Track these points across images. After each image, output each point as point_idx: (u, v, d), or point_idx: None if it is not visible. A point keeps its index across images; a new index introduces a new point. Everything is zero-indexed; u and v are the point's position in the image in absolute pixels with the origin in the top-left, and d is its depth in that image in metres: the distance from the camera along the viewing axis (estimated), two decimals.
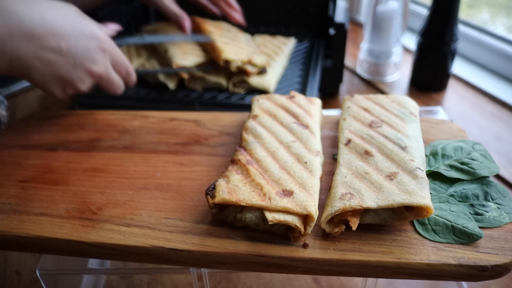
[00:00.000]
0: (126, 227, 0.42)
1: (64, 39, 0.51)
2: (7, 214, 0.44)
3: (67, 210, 0.44)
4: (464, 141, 0.49)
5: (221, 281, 0.58)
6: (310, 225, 0.38)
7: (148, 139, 0.55)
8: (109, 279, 0.59)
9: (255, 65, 0.75)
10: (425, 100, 0.93)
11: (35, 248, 0.43)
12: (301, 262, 0.38)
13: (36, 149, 0.55)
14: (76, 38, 0.52)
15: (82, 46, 0.53)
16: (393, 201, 0.38)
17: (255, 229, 0.40)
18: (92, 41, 0.54)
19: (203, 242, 0.40)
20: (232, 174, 0.43)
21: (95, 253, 0.41)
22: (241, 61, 0.75)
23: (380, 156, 0.44)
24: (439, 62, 0.92)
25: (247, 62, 0.75)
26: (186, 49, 0.81)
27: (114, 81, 0.58)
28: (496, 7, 1.19)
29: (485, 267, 0.36)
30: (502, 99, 0.90)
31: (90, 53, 0.53)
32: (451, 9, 0.85)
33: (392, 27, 0.95)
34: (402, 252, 0.38)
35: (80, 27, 0.53)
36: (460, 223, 0.39)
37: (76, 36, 0.52)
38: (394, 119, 0.50)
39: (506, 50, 0.97)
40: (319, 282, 0.57)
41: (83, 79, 0.54)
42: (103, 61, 0.55)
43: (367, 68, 1.03)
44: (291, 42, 0.93)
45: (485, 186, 0.44)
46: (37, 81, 0.52)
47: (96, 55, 0.54)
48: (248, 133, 0.49)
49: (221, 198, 0.39)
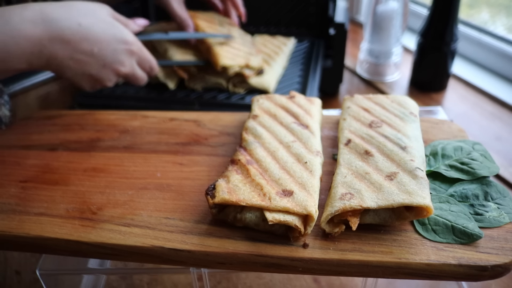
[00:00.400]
0: (126, 227, 0.42)
1: (97, 43, 0.56)
2: (7, 214, 0.44)
3: (67, 210, 0.44)
4: (464, 141, 0.49)
5: (221, 281, 0.58)
6: (310, 225, 0.38)
7: (148, 139, 0.55)
8: (109, 279, 0.59)
9: (252, 68, 0.75)
10: (425, 100, 0.92)
11: (35, 248, 0.43)
12: (301, 262, 0.38)
13: (36, 149, 0.55)
14: (108, 43, 0.57)
15: (112, 49, 0.58)
16: (393, 201, 0.38)
17: (255, 229, 0.40)
18: (121, 45, 0.59)
19: (203, 242, 0.40)
20: (232, 174, 0.43)
21: (95, 253, 0.41)
22: (239, 66, 0.74)
23: (380, 156, 0.44)
24: (439, 62, 0.92)
25: (245, 66, 0.75)
26: (186, 49, 0.81)
27: (138, 77, 0.64)
28: (496, 7, 1.19)
29: (485, 267, 0.36)
30: (502, 99, 0.90)
31: (119, 56, 0.59)
32: (451, 9, 0.85)
33: (392, 27, 0.95)
34: (402, 252, 0.38)
35: (112, 32, 0.58)
36: (460, 223, 0.39)
37: (108, 41, 0.57)
38: (394, 119, 0.50)
39: (506, 50, 0.97)
40: (319, 282, 0.57)
41: (111, 78, 0.61)
42: (130, 62, 0.61)
43: (367, 68, 1.03)
44: (291, 42, 0.93)
45: (485, 186, 0.44)
46: (69, 78, 0.58)
47: (124, 58, 0.60)
48: (248, 133, 0.49)
49: (221, 198, 0.39)
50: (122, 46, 0.59)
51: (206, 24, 0.80)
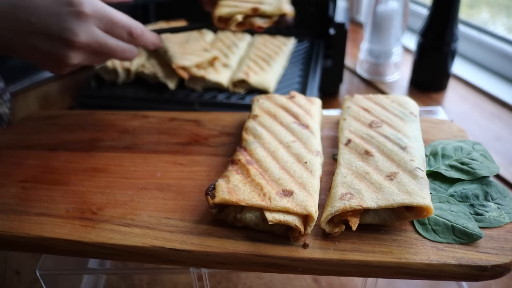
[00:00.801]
0: (126, 227, 0.42)
1: (34, 12, 0.46)
2: (7, 214, 0.44)
3: (67, 210, 0.44)
4: (464, 141, 0.49)
5: (221, 281, 0.58)
6: (310, 225, 0.38)
7: (148, 139, 0.55)
8: (109, 279, 0.59)
9: (266, 13, 0.58)
10: (425, 100, 0.92)
11: (35, 248, 0.43)
12: (301, 262, 0.38)
13: (36, 149, 0.54)
14: (47, 8, 0.46)
15: (53, 15, 0.46)
16: (393, 201, 0.38)
17: (255, 229, 0.40)
18: (64, 7, 0.46)
19: (203, 242, 0.40)
20: (232, 174, 0.43)
21: (95, 253, 0.41)
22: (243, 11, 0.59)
23: (380, 156, 0.44)
24: (439, 62, 0.92)
25: (252, 12, 0.58)
26: (186, 49, 0.81)
27: (113, 48, 0.51)
28: (496, 7, 1.19)
29: (485, 267, 0.36)
30: (502, 99, 0.90)
31: (65, 22, 0.47)
32: (451, 9, 0.85)
33: (392, 27, 0.95)
34: (402, 252, 0.38)
35: None
36: (460, 223, 0.39)
37: (46, 5, 0.46)
38: (394, 119, 0.50)
39: (506, 50, 0.97)
40: (319, 282, 0.57)
41: (67, 53, 0.48)
42: (86, 30, 0.48)
43: (367, 68, 1.03)
44: (291, 42, 0.93)
45: (485, 186, 0.44)
46: (26, 58, 0.50)
47: (73, 24, 0.47)
48: (248, 133, 0.49)
49: (221, 198, 0.39)
50: (66, 9, 0.47)
51: None
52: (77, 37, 0.47)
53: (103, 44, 0.49)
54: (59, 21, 0.46)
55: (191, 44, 0.85)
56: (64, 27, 0.47)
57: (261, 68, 0.80)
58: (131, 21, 0.51)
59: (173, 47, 0.81)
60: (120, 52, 0.52)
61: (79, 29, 0.47)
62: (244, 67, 0.80)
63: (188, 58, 0.78)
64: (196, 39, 0.88)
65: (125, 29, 0.51)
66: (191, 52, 0.80)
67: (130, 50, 0.53)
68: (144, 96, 0.78)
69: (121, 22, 0.50)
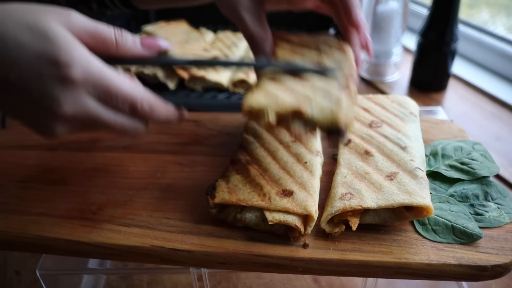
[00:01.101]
0: (126, 227, 0.42)
1: (13, 67, 0.34)
2: (7, 214, 0.44)
3: (67, 210, 0.44)
4: (464, 141, 0.49)
5: (221, 281, 0.58)
6: (310, 225, 0.38)
7: (148, 139, 0.55)
8: (109, 279, 0.59)
9: (310, 119, 0.38)
10: (425, 100, 0.92)
11: (35, 248, 0.43)
12: (301, 262, 0.38)
13: (36, 149, 0.54)
14: (29, 64, 0.34)
15: (35, 76, 0.35)
16: (393, 201, 0.38)
17: (255, 229, 0.40)
18: (48, 67, 0.34)
19: (203, 242, 0.40)
20: (232, 174, 0.43)
21: (95, 253, 0.41)
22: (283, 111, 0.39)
23: (380, 156, 0.44)
24: (439, 62, 0.92)
25: (293, 114, 0.39)
26: (186, 49, 0.81)
27: (109, 124, 0.38)
28: (496, 7, 1.19)
29: (485, 267, 0.36)
30: (502, 99, 0.90)
31: (46, 86, 0.35)
32: (451, 9, 0.85)
33: (392, 27, 0.95)
34: (402, 252, 0.38)
35: (36, 47, 0.34)
36: (460, 223, 0.39)
37: (28, 62, 0.34)
38: (394, 119, 0.50)
39: (506, 50, 0.97)
40: (319, 282, 0.57)
41: (51, 123, 0.36)
42: (71, 98, 0.35)
43: (367, 68, 1.03)
44: None
45: (485, 186, 0.44)
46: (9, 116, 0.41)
47: (55, 89, 0.35)
48: (248, 133, 0.49)
49: (221, 198, 0.39)
50: (50, 70, 0.34)
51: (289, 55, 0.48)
52: (60, 108, 0.35)
53: (95, 118, 0.37)
54: (40, 84, 0.35)
55: (191, 44, 0.85)
56: (45, 93, 0.35)
57: None
58: (136, 92, 0.37)
59: (173, 47, 0.81)
60: (119, 129, 0.39)
61: (63, 98, 0.35)
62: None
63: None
64: (196, 39, 0.88)
65: (127, 102, 0.37)
66: (191, 52, 0.80)
67: (134, 127, 0.39)
68: None
69: (121, 93, 0.37)
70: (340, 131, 0.36)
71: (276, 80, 0.40)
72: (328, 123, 0.36)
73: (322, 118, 0.36)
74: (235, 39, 0.92)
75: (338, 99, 0.37)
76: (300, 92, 0.38)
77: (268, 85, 0.39)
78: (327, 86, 0.39)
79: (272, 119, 0.36)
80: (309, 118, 0.36)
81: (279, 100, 0.37)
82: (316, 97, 0.37)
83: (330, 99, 0.37)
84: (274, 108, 0.36)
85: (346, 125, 0.36)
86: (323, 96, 0.37)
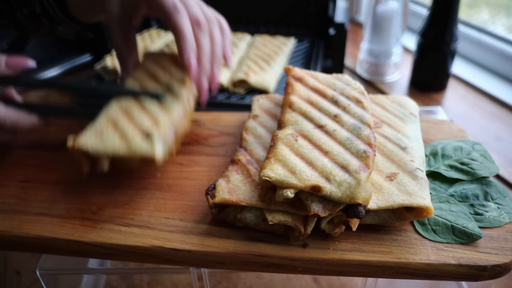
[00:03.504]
0: (126, 227, 0.42)
1: None
2: (7, 214, 0.44)
3: (67, 210, 0.44)
4: (464, 141, 0.50)
5: (221, 281, 0.58)
6: (310, 225, 0.38)
7: None
8: (109, 279, 0.59)
9: (328, 197, 0.37)
10: (425, 100, 0.92)
11: (35, 248, 0.43)
12: (301, 262, 0.38)
13: (36, 149, 0.54)
14: None
15: None
16: (393, 202, 0.38)
17: (255, 229, 0.40)
18: None
19: (203, 242, 0.40)
20: (232, 174, 0.43)
21: (95, 253, 0.41)
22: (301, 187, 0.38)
23: (380, 157, 0.44)
24: (439, 62, 0.92)
25: (311, 190, 0.37)
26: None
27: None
28: (496, 7, 1.19)
29: (485, 267, 0.36)
30: (502, 99, 0.90)
31: None
32: (451, 9, 0.85)
33: (392, 27, 0.95)
34: (402, 252, 0.38)
35: None
36: (460, 223, 0.39)
37: None
38: (394, 120, 0.50)
39: (506, 50, 0.97)
40: (319, 282, 0.57)
41: None
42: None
43: (367, 68, 1.03)
44: (291, 42, 0.93)
45: (485, 186, 0.44)
46: None
47: None
48: (248, 133, 0.49)
49: (221, 198, 0.39)
50: None
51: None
52: None
53: None
54: None
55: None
56: None
57: (261, 68, 0.80)
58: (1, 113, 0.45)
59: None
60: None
61: None
62: (244, 67, 0.80)
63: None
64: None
65: (10, 123, 0.46)
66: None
67: (3, 138, 0.48)
68: None
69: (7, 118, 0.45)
70: (358, 209, 0.35)
71: (294, 149, 0.40)
72: (346, 200, 0.35)
73: (340, 196, 0.35)
74: (235, 39, 0.92)
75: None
76: (319, 165, 0.38)
77: (285, 152, 0.39)
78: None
79: (291, 195, 0.36)
80: (328, 195, 0.35)
81: (300, 174, 0.36)
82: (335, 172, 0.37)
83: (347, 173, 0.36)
84: (294, 184, 0.36)
85: (365, 202, 0.35)
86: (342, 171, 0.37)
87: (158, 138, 0.43)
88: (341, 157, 0.38)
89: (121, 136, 0.43)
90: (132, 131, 0.43)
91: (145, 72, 0.52)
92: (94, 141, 0.42)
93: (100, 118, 0.45)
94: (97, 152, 0.42)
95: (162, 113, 0.46)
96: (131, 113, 0.46)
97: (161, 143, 0.42)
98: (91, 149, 0.41)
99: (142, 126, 0.44)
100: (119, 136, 0.43)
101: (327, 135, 0.41)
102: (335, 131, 0.41)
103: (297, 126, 0.43)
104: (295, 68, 0.52)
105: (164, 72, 0.51)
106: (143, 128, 0.44)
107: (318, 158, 0.38)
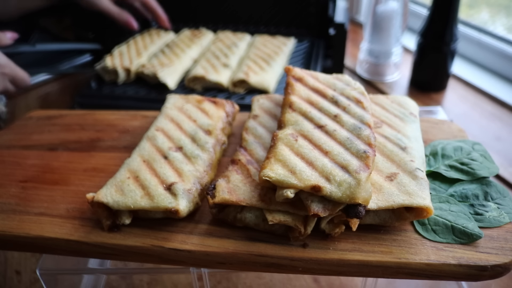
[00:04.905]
0: (126, 227, 0.42)
1: None
2: (7, 214, 0.44)
3: (67, 210, 0.44)
4: (464, 141, 0.49)
5: (221, 281, 0.58)
6: (310, 225, 0.38)
7: None
8: (109, 279, 0.59)
9: (329, 197, 0.37)
10: (425, 100, 0.92)
11: (35, 248, 0.43)
12: (301, 262, 0.38)
13: (36, 149, 0.54)
14: None
15: None
16: (393, 202, 0.38)
17: (255, 229, 0.40)
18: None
19: (203, 242, 0.40)
20: (232, 174, 0.43)
21: (95, 253, 0.41)
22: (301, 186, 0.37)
23: (380, 157, 0.44)
24: (439, 62, 0.92)
25: (311, 190, 0.37)
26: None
27: (8, 91, 0.75)
28: (496, 7, 1.19)
29: (485, 267, 0.36)
30: (502, 99, 0.90)
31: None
32: (451, 9, 0.85)
33: (392, 27, 0.95)
34: (402, 252, 0.38)
35: None
36: (460, 223, 0.39)
37: None
38: (394, 120, 0.50)
39: (506, 50, 0.97)
40: (319, 282, 0.57)
41: None
42: (3, 82, 0.73)
43: (367, 68, 1.03)
44: (291, 42, 0.93)
45: (485, 186, 0.44)
46: None
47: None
48: (248, 133, 0.49)
49: (221, 198, 0.39)
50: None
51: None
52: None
53: (6, 90, 0.73)
54: None
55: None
56: None
57: (261, 68, 0.80)
58: (25, 75, 0.75)
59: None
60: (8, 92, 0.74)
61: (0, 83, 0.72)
62: (244, 67, 0.80)
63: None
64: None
65: (23, 81, 0.76)
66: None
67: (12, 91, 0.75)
68: (144, 96, 0.78)
69: (21, 77, 0.74)
70: (358, 209, 0.35)
71: (294, 149, 0.40)
72: (346, 200, 0.35)
73: (340, 196, 0.35)
74: (235, 39, 0.92)
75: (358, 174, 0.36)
76: (319, 165, 0.37)
77: (285, 152, 0.39)
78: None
79: (291, 195, 0.36)
80: (328, 195, 0.35)
81: (300, 174, 0.36)
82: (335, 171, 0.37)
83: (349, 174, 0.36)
84: (294, 184, 0.36)
85: (365, 202, 0.35)
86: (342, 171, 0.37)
87: (182, 190, 0.41)
88: (341, 157, 0.38)
89: (143, 189, 0.41)
90: (155, 183, 0.42)
91: (169, 120, 0.52)
92: (115, 194, 0.41)
93: (121, 170, 0.44)
94: (118, 206, 0.40)
95: (186, 164, 0.45)
96: (152, 164, 0.44)
97: (185, 196, 0.41)
98: (112, 203, 0.40)
99: (164, 177, 0.42)
100: (141, 188, 0.41)
101: (327, 135, 0.41)
102: (335, 131, 0.41)
103: (297, 126, 0.43)
104: (295, 68, 0.52)
105: (189, 120, 0.51)
106: (166, 180, 0.42)
107: (318, 158, 0.38)
